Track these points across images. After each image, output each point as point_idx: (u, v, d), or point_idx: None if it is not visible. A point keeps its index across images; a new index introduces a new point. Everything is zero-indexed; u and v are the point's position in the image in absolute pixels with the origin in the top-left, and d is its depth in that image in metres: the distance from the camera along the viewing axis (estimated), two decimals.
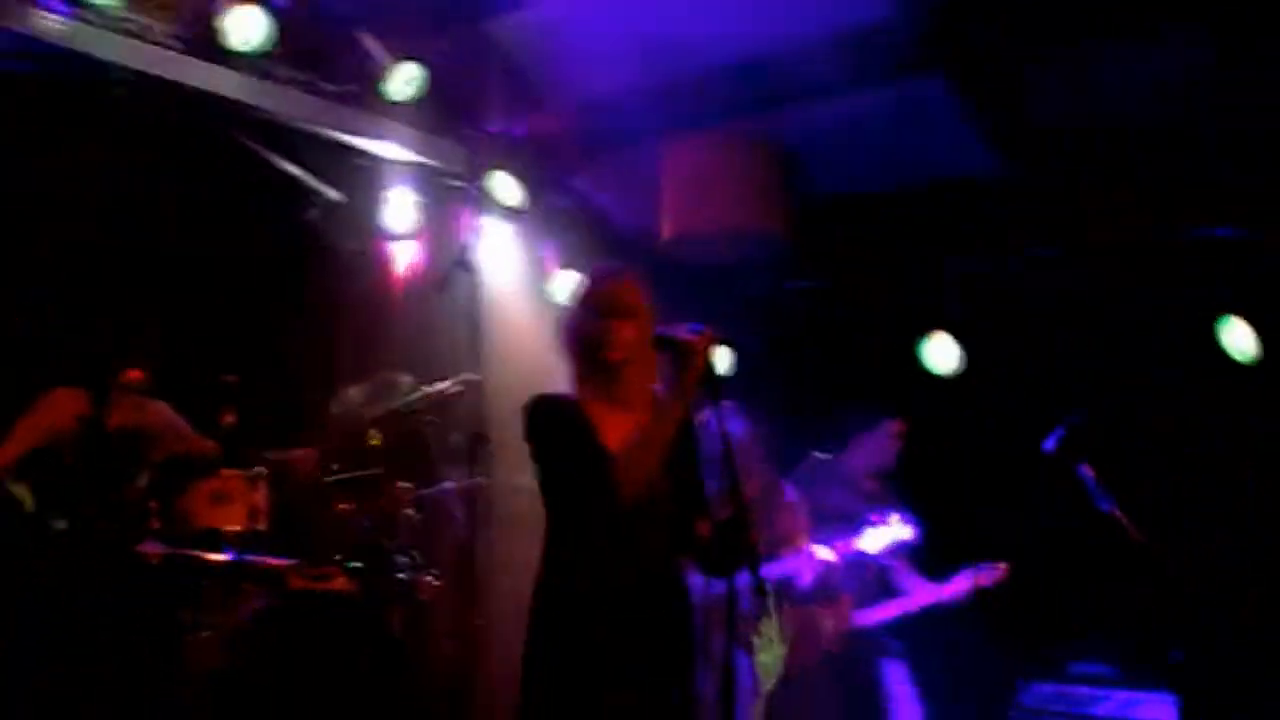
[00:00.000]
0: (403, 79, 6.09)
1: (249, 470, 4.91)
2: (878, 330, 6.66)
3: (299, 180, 6.30)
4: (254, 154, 6.11)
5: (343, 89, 6.17)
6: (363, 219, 6.48)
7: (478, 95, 6.61)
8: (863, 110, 5.91)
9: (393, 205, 6.50)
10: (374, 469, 5.44)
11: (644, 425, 3.38)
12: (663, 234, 6.34)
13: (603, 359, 3.48)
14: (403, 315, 6.44)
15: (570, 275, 7.01)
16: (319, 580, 5.04)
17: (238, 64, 5.76)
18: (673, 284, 6.85)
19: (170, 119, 5.80)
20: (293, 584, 4.91)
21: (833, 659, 5.57)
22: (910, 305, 6.53)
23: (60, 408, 5.01)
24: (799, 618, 5.53)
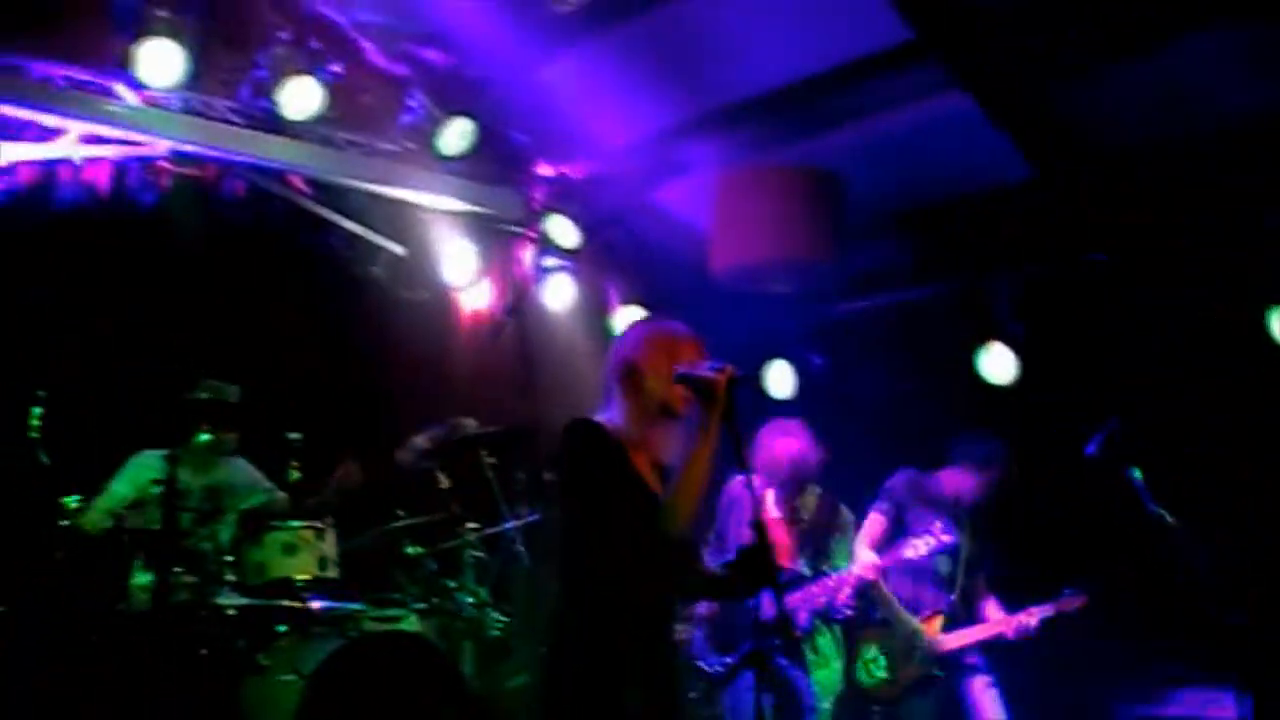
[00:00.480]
0: (454, 134, 6.35)
1: (317, 521, 5.14)
2: (940, 343, 6.69)
3: (360, 237, 6.60)
4: (316, 215, 6.42)
5: (398, 147, 6.46)
6: (424, 270, 6.76)
7: (529, 143, 6.84)
8: (896, 129, 6.00)
9: (452, 255, 6.77)
10: (439, 512, 5.68)
11: (686, 472, 3.43)
12: (714, 266, 6.47)
13: (672, 411, 3.51)
14: (465, 360, 6.68)
15: (630, 312, 7.19)
16: (389, 621, 5.29)
17: (295, 132, 6.10)
18: (733, 311, 7.08)
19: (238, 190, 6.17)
20: (363, 626, 5.16)
21: (925, 679, 5.69)
22: (968, 316, 6.55)
23: (150, 468, 5.36)
24: (894, 636, 5.70)
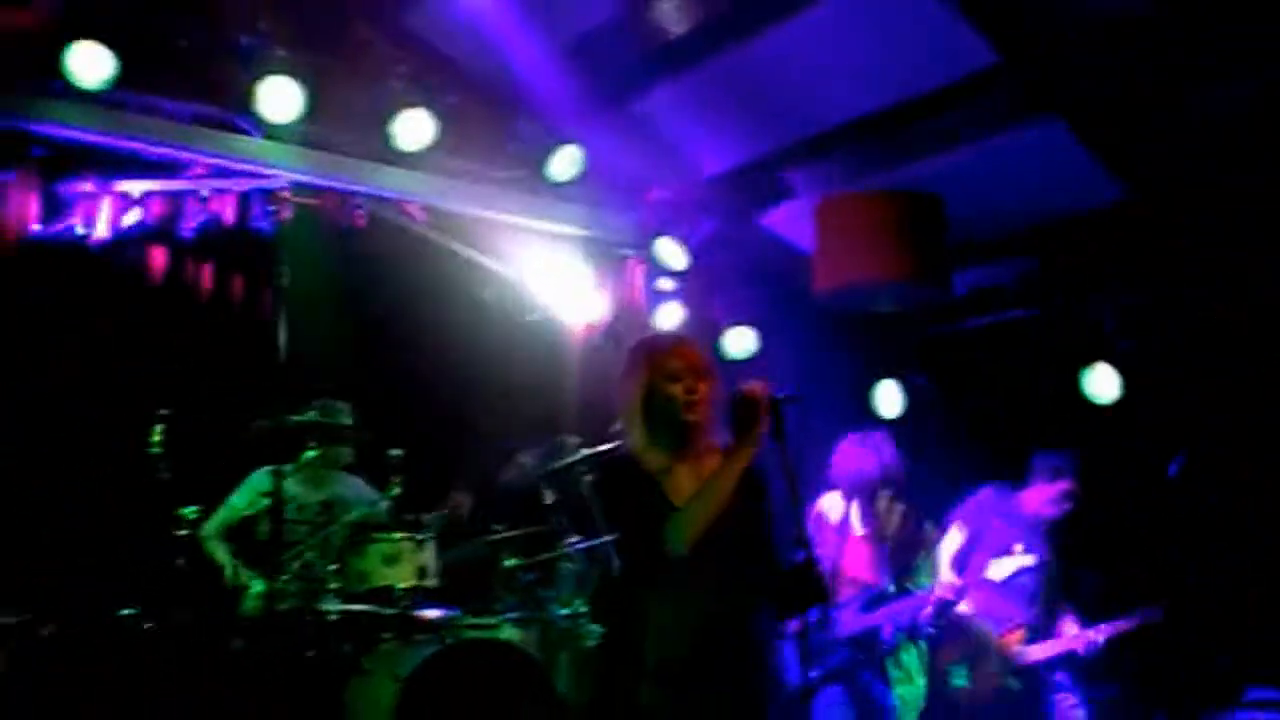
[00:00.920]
0: (564, 160, 6.59)
1: (417, 533, 5.41)
2: (1039, 365, 6.65)
3: (473, 261, 6.87)
4: (431, 242, 6.72)
5: (509, 174, 6.72)
6: (535, 293, 7.00)
7: (635, 167, 7.03)
8: (990, 154, 5.99)
9: (563, 278, 6.99)
10: (539, 526, 5.90)
11: (706, 481, 3.57)
12: (816, 286, 6.53)
13: (680, 421, 3.61)
14: (575, 381, 6.89)
15: (738, 333, 7.31)
16: (485, 629, 5.52)
17: (410, 162, 6.39)
18: (837, 331, 7.14)
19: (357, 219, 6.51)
20: (461, 633, 5.40)
21: (1005, 692, 5.70)
22: (1068, 337, 6.50)
23: (265, 483, 5.70)
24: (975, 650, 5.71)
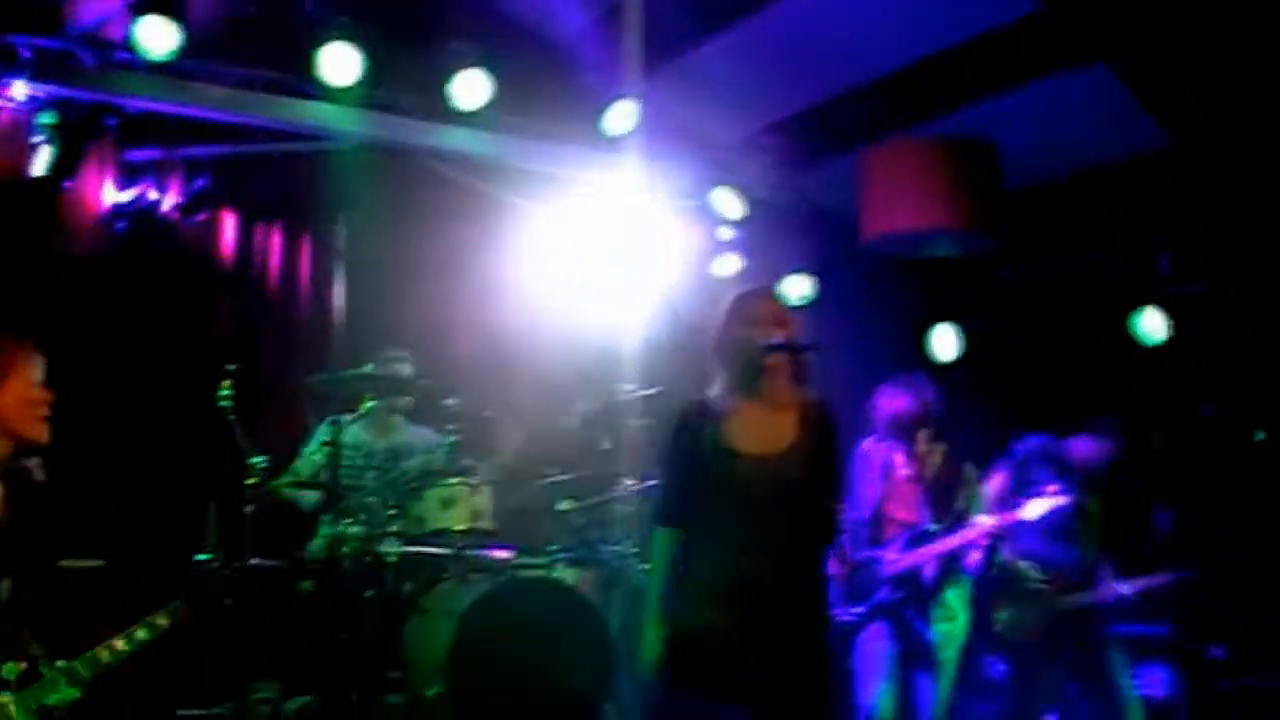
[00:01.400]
0: (620, 115, 6.73)
1: (472, 478, 5.69)
2: (1090, 311, 6.66)
3: (531, 215, 7.09)
4: (489, 195, 6.96)
5: (566, 128, 6.90)
6: (594, 245, 7.18)
7: (690, 119, 7.16)
8: (1036, 99, 6.00)
9: (620, 230, 7.16)
10: (589, 470, 6.15)
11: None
12: (865, 232, 6.64)
13: (756, 365, 3.77)
14: (633, 330, 7.07)
15: (799, 279, 7.42)
16: (538, 569, 5.80)
17: (469, 121, 6.61)
18: (893, 277, 7.22)
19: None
20: (515, 573, 5.68)
21: (1046, 636, 5.81)
22: (1119, 283, 6.50)
23: (325, 434, 6.02)
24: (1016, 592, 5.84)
